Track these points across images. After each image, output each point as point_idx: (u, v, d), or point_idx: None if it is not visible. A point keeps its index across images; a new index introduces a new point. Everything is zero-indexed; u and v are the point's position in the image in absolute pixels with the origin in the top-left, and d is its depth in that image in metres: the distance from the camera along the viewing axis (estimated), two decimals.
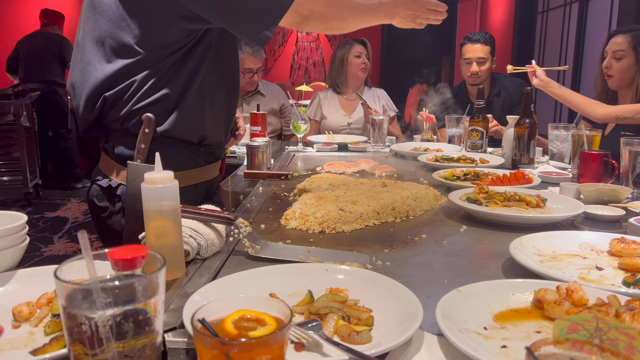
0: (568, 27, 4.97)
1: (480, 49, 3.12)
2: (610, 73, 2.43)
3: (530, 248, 1.13)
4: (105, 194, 1.46)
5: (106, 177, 1.45)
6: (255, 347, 0.54)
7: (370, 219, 1.38)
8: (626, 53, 2.37)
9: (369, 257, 1.10)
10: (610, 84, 2.45)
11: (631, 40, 2.37)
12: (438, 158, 2.31)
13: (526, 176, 1.83)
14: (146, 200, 0.93)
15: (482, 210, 1.40)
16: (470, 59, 3.14)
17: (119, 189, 1.43)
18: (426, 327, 0.79)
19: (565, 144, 2.30)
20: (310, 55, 7.77)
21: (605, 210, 1.47)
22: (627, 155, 1.71)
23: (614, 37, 2.44)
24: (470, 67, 3.14)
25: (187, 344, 0.75)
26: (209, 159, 1.57)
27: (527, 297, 0.87)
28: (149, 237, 0.95)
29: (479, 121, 2.47)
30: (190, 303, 0.79)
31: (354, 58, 3.32)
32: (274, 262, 1.05)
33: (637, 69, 2.37)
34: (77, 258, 0.57)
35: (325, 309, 0.79)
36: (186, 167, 1.47)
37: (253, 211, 1.49)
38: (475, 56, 3.12)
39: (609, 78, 2.44)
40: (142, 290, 0.56)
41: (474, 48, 3.14)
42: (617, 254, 1.11)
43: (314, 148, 2.79)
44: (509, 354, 0.71)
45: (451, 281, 1.00)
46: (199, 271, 1.02)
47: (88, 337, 0.53)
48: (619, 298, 0.81)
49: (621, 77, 2.40)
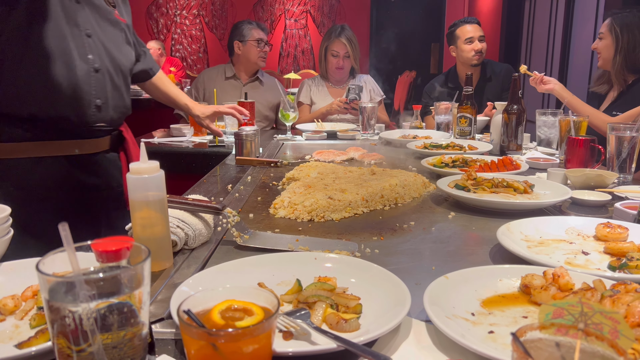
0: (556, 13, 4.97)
1: (479, 28, 3.18)
2: (597, 52, 2.59)
3: (518, 234, 1.13)
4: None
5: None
6: (242, 337, 0.54)
7: (359, 207, 1.38)
8: (605, 35, 2.53)
9: (357, 245, 1.10)
10: (599, 63, 2.60)
11: (609, 23, 2.52)
12: (427, 145, 2.31)
13: (514, 162, 1.84)
14: (132, 190, 0.92)
15: (470, 197, 1.41)
16: (473, 37, 3.14)
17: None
18: (414, 314, 0.80)
19: (553, 129, 2.31)
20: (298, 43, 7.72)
21: (592, 195, 1.48)
22: (613, 140, 1.72)
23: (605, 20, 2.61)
24: (474, 46, 3.15)
25: (175, 334, 0.75)
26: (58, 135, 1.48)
27: (514, 283, 0.88)
28: (135, 228, 0.95)
29: (467, 108, 2.47)
30: (178, 294, 0.79)
31: (331, 56, 3.26)
32: (262, 252, 1.04)
33: (614, 51, 2.48)
34: (59, 250, 0.57)
35: (314, 297, 0.79)
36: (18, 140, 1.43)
37: (241, 200, 1.49)
38: (477, 34, 3.15)
39: (599, 57, 2.59)
40: (127, 282, 0.55)
41: (473, 27, 3.17)
42: (603, 239, 1.12)
43: (302, 136, 2.78)
44: (496, 339, 0.71)
45: (439, 268, 1.00)
46: (187, 261, 1.01)
47: (72, 330, 0.52)
48: (605, 282, 0.82)
49: (604, 56, 2.55)
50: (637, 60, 2.45)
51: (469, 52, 3.18)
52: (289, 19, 7.65)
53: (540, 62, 5.19)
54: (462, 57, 3.22)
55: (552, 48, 5.00)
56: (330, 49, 3.24)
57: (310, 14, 7.64)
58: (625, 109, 2.37)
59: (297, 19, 7.66)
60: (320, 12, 7.62)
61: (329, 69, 3.31)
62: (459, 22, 3.25)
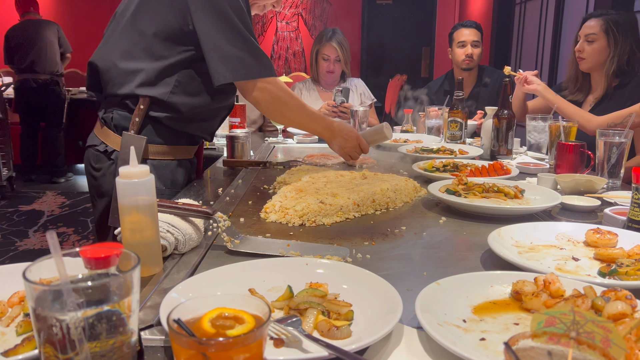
0: (545, 18, 5.01)
1: (474, 33, 3.18)
2: (582, 56, 2.50)
3: (509, 239, 1.14)
4: (100, 157, 1.66)
5: (102, 142, 1.65)
6: (232, 347, 0.53)
7: (351, 212, 1.38)
8: (598, 36, 2.44)
9: (349, 250, 1.09)
10: (581, 66, 2.53)
11: (603, 24, 2.44)
12: (418, 149, 2.31)
13: (504, 167, 1.85)
14: (121, 195, 0.91)
15: (461, 202, 1.41)
16: (465, 41, 3.16)
17: (113, 154, 1.63)
18: (406, 321, 0.79)
19: (543, 134, 2.32)
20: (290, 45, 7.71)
21: (582, 200, 1.49)
22: (602, 146, 1.74)
23: (587, 20, 2.52)
24: (465, 50, 3.16)
25: (164, 341, 0.74)
26: (191, 140, 1.77)
27: (505, 289, 0.88)
28: (124, 233, 0.93)
29: (458, 112, 2.48)
30: (168, 300, 0.78)
31: (322, 60, 3.26)
32: (253, 257, 1.04)
33: (608, 53, 2.44)
34: (47, 257, 0.56)
35: (305, 304, 0.78)
36: (170, 143, 1.68)
37: (232, 204, 1.48)
38: (470, 39, 3.16)
39: (580, 60, 2.52)
40: (116, 289, 0.55)
41: (468, 32, 3.18)
42: (593, 245, 1.12)
43: (294, 139, 2.77)
44: (487, 346, 0.71)
45: (431, 273, 1.00)
46: (177, 266, 1.00)
47: (59, 339, 0.51)
48: (595, 289, 0.82)
49: (593, 59, 2.47)
50: (623, 64, 2.43)
51: (460, 56, 3.20)
52: (280, 21, 7.65)
53: (530, 65, 5.23)
54: (454, 60, 3.25)
55: (542, 52, 5.04)
56: (321, 52, 3.24)
57: (302, 16, 7.65)
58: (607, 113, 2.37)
59: (289, 22, 7.66)
60: (312, 14, 7.63)
61: (319, 72, 3.31)
62: (458, 24, 3.27)
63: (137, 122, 1.59)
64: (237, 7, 1.56)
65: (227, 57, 1.55)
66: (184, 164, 1.75)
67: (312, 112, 1.78)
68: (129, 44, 1.59)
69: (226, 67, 1.55)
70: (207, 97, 1.67)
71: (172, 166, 1.70)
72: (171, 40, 1.57)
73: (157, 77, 1.58)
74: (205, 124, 1.78)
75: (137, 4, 1.59)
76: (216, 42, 1.54)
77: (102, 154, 1.65)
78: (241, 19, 1.57)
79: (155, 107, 1.60)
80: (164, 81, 1.58)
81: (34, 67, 5.70)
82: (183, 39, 1.57)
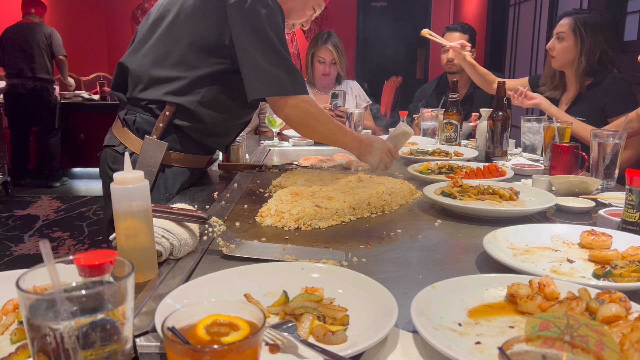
0: (539, 19, 5.03)
1: (458, 37, 3.18)
2: (552, 54, 2.52)
3: (504, 242, 1.14)
4: (118, 158, 1.67)
5: (122, 144, 1.66)
6: (227, 354, 0.53)
7: (346, 215, 1.38)
8: (566, 35, 2.45)
9: (344, 254, 1.09)
10: (553, 64, 2.55)
11: (572, 23, 2.45)
12: (413, 151, 2.32)
13: (499, 169, 1.85)
14: (116, 200, 0.91)
15: (456, 204, 1.41)
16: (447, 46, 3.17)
17: (132, 156, 1.62)
18: (402, 324, 0.80)
19: (537, 136, 2.33)
20: None
21: (576, 202, 1.50)
22: (596, 147, 1.74)
23: (561, 19, 2.52)
24: (447, 54, 3.18)
25: (159, 348, 0.74)
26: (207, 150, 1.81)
27: (500, 292, 0.88)
28: (119, 239, 0.93)
29: (453, 114, 2.49)
30: (163, 306, 0.78)
31: (317, 63, 3.26)
32: (248, 261, 1.04)
33: (576, 52, 2.44)
34: (40, 266, 0.55)
35: (301, 309, 0.78)
36: (187, 152, 1.70)
37: (228, 209, 1.48)
38: None
39: (552, 59, 2.53)
40: (110, 297, 0.54)
41: (452, 36, 3.19)
42: (588, 246, 1.13)
43: (289, 142, 2.77)
44: (483, 350, 0.71)
45: (426, 276, 1.00)
46: (172, 272, 1.00)
47: (53, 348, 0.51)
48: (589, 291, 0.83)
49: (562, 58, 2.48)
50: (595, 64, 2.43)
51: (443, 60, 3.24)
52: None
53: (525, 67, 5.25)
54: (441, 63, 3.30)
55: (537, 52, 5.06)
56: (316, 55, 3.25)
57: None
58: (585, 113, 2.38)
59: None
60: None
61: (315, 75, 3.32)
62: (445, 28, 3.29)
63: (161, 127, 1.61)
64: (274, 24, 1.58)
65: (263, 73, 1.57)
66: (196, 172, 1.78)
67: (341, 125, 1.80)
68: (164, 51, 1.61)
69: (262, 82, 1.57)
70: (231, 110, 1.71)
71: (186, 174, 1.72)
72: (206, 51, 1.59)
73: (187, 87, 1.60)
74: (224, 137, 1.83)
75: (175, 12, 1.61)
76: (252, 57, 1.55)
77: (121, 155, 1.66)
78: (278, 36, 1.58)
79: (181, 115, 1.62)
80: (194, 91, 1.60)
81: (23, 72, 5.68)
82: (218, 51, 1.59)
